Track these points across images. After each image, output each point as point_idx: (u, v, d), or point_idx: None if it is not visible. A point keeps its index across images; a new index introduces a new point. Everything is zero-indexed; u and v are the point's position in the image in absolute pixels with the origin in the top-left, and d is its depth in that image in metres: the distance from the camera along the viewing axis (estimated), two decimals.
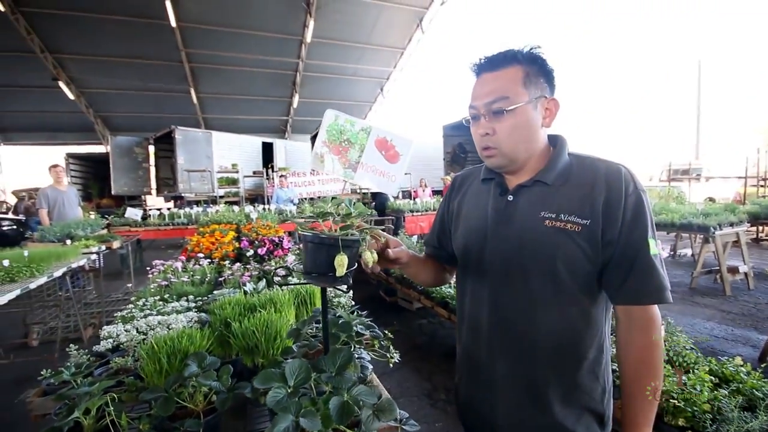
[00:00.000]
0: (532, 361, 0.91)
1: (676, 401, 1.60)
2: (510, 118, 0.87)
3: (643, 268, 0.84)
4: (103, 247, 3.97)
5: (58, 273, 2.90)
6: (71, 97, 14.48)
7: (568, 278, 0.87)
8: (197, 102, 16.51)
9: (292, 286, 1.61)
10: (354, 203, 0.77)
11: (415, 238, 5.54)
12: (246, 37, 13.36)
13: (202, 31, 12.97)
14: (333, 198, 0.79)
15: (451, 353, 3.38)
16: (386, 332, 1.18)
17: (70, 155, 12.54)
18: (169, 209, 7.61)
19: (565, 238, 0.85)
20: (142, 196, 13.29)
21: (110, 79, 14.24)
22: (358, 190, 10.95)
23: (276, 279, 2.01)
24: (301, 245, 3.19)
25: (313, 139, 12.95)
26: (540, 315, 0.90)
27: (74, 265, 3.19)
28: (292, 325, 1.16)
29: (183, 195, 10.92)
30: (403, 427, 0.86)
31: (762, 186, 8.04)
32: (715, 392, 1.62)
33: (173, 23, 12.03)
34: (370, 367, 1.06)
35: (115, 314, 1.68)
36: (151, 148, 12.50)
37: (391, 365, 1.23)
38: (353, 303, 1.77)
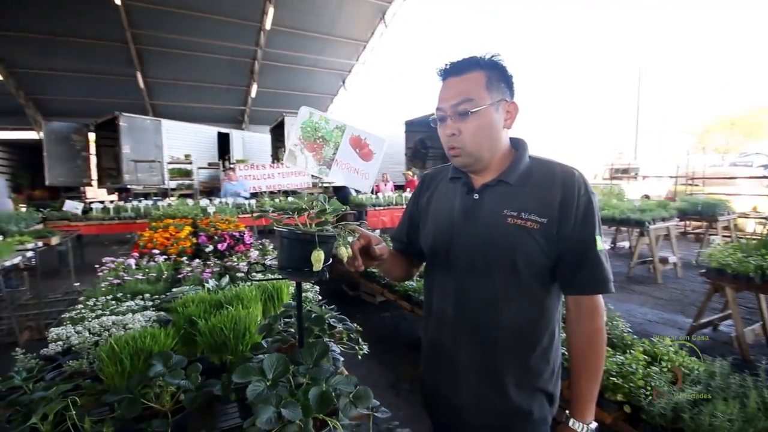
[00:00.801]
0: (493, 348, 0.98)
1: (615, 379, 1.77)
2: (474, 119, 0.93)
3: (591, 262, 0.93)
4: (40, 244, 3.64)
5: None
6: None
7: (526, 271, 0.94)
8: (144, 87, 15.39)
9: (257, 282, 1.59)
10: (329, 200, 0.79)
11: (377, 231, 5.58)
12: (199, 20, 12.62)
13: (150, 11, 12.08)
14: (310, 194, 0.80)
15: (414, 344, 3.48)
16: (356, 325, 1.21)
17: None
18: (112, 202, 7.10)
19: (525, 235, 0.92)
20: (82, 188, 12.24)
21: (44, 58, 12.87)
22: (320, 184, 10.82)
23: (239, 275, 1.97)
24: (262, 241, 3.13)
25: (273, 131, 12.57)
26: (501, 305, 0.97)
27: (7, 264, 2.91)
28: (261, 320, 1.15)
29: (129, 187, 10.21)
30: (375, 414, 0.90)
31: (690, 185, 8.92)
32: (648, 369, 1.82)
33: (117, 0, 11.13)
34: (341, 359, 1.08)
35: (61, 316, 1.58)
36: (92, 136, 11.54)
37: (359, 357, 1.26)
38: (320, 298, 1.78)
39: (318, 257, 0.74)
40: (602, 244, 0.96)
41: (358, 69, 17.37)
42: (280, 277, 0.87)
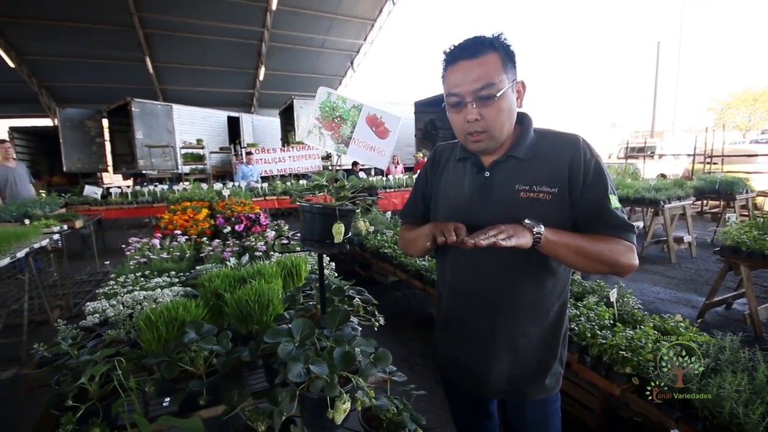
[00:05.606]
0: (508, 319, 1.02)
1: (624, 353, 1.82)
2: (497, 103, 0.92)
3: (607, 216, 0.93)
4: (65, 227, 3.79)
5: (20, 254, 2.78)
6: (11, 64, 13.14)
7: None
8: (153, 72, 15.43)
9: (274, 260, 1.66)
10: (348, 177, 0.83)
11: (389, 214, 5.63)
12: (205, 2, 12.51)
13: None
14: (329, 172, 0.84)
15: (425, 322, 3.56)
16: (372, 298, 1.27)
17: (14, 129, 11.56)
18: (128, 187, 7.29)
19: (539, 206, 0.95)
20: (98, 174, 12.54)
21: (55, 45, 12.95)
22: (330, 168, 10.85)
23: (257, 254, 2.04)
24: (278, 222, 3.21)
25: (282, 114, 12.56)
26: (516, 277, 1.00)
27: (36, 246, 3.05)
28: (284, 293, 1.22)
29: (144, 172, 10.40)
30: (393, 378, 0.96)
31: (708, 163, 8.69)
32: (657, 344, 1.85)
33: None
34: (359, 329, 1.15)
35: (90, 293, 1.67)
36: (105, 122, 11.72)
37: (375, 329, 1.33)
38: (336, 275, 1.85)
39: (339, 229, 0.78)
40: (617, 202, 0.96)
41: (366, 49, 17.08)
42: (300, 250, 0.92)
